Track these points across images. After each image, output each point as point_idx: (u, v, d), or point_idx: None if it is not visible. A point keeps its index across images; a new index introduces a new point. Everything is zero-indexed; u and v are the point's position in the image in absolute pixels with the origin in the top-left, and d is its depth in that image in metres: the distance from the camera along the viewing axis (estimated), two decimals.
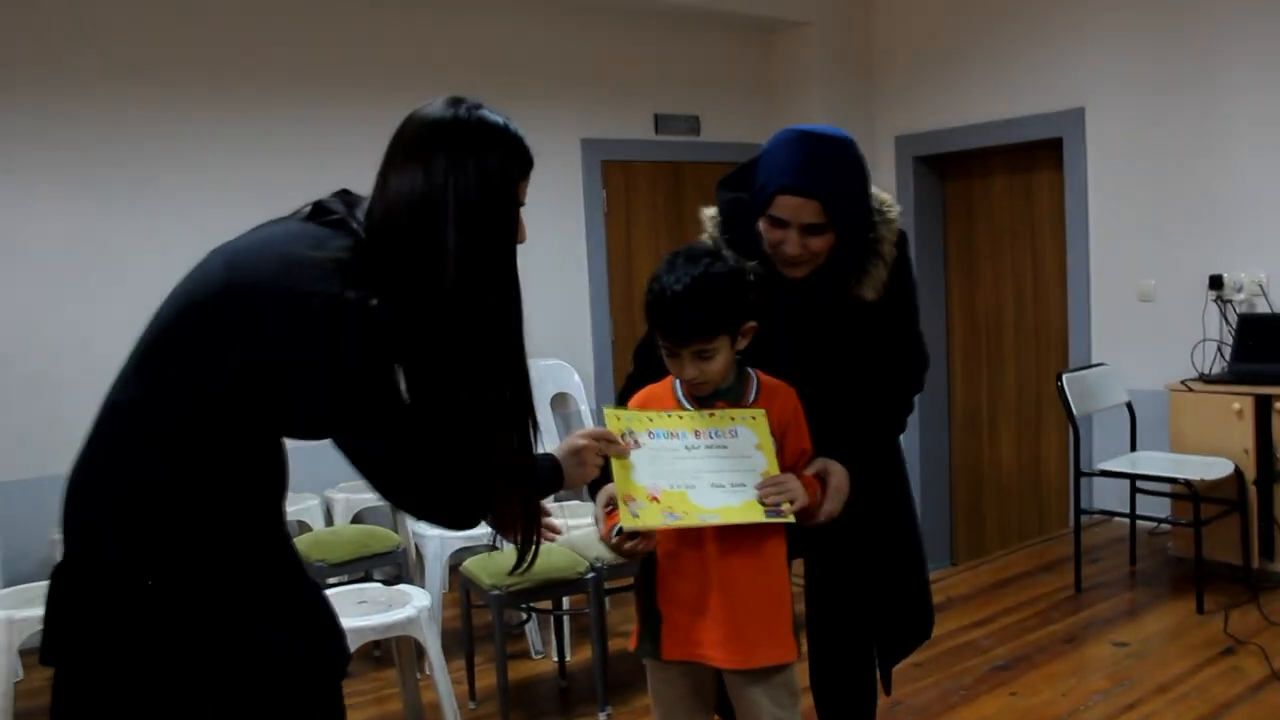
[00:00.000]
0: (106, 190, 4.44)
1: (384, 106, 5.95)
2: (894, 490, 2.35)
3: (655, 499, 1.88)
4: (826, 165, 1.97)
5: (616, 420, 1.94)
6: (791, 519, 1.91)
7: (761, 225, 2.03)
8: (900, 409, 2.29)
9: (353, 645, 3.00)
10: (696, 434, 1.94)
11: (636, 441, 1.92)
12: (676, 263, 1.91)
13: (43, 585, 1.59)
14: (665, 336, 1.92)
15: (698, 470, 1.91)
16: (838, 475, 2.05)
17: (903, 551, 2.39)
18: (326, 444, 1.49)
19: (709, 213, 2.17)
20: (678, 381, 2.00)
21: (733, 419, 1.96)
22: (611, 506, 1.94)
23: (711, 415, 1.96)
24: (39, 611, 2.34)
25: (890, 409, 2.26)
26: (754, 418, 1.97)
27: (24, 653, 3.54)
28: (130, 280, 4.34)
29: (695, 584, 1.93)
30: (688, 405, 1.98)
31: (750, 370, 2.02)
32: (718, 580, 1.90)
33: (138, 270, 4.32)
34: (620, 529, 1.88)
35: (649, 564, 1.99)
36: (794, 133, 2.02)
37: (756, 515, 1.89)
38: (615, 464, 1.89)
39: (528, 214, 1.57)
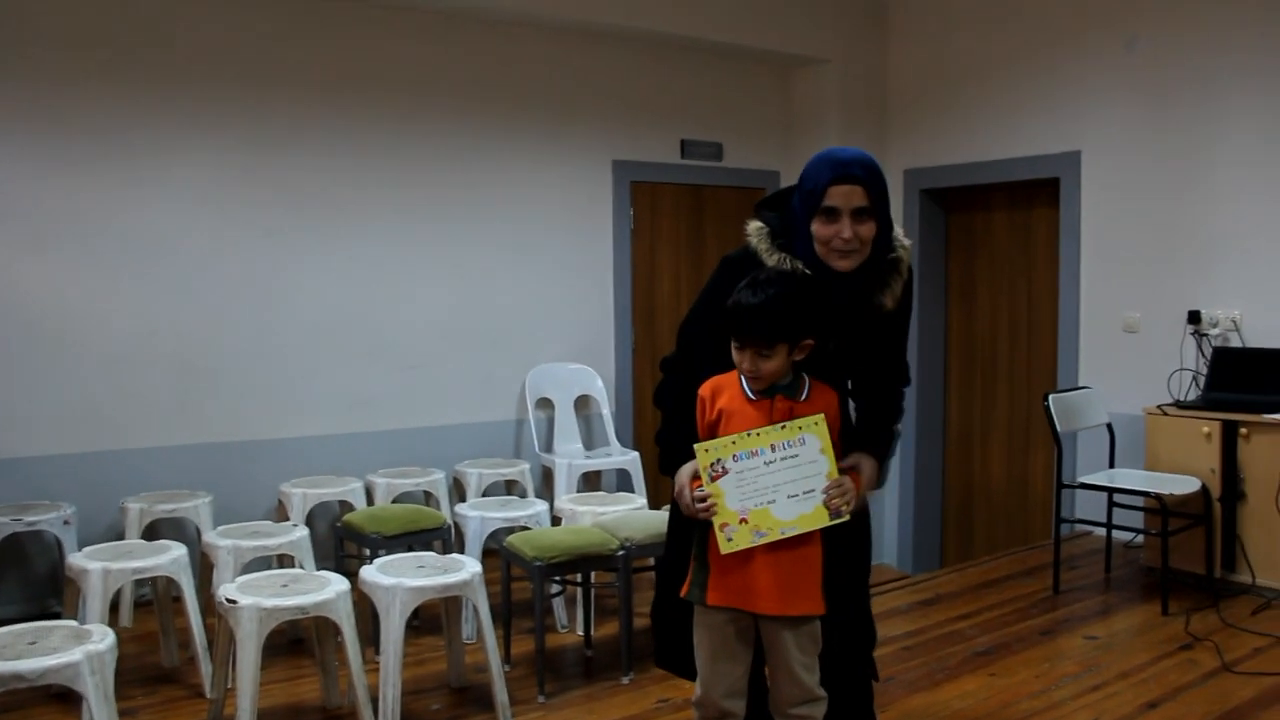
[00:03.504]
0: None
1: (428, 123, 6.46)
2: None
3: (744, 520, 2.28)
4: (863, 162, 2.38)
5: (705, 453, 2.31)
6: (848, 518, 2.32)
7: (814, 226, 2.37)
8: (897, 409, 2.64)
9: (418, 601, 3.40)
10: (773, 448, 2.29)
11: (725, 469, 2.29)
12: (758, 281, 2.28)
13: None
14: (734, 335, 2.30)
15: (776, 485, 2.29)
16: (869, 469, 2.44)
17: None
18: (368, 434, 1.66)
19: (754, 225, 2.50)
20: (743, 375, 2.38)
21: (800, 428, 2.30)
22: (695, 477, 2.34)
23: (783, 428, 2.30)
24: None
25: (890, 408, 2.63)
26: (816, 423, 2.31)
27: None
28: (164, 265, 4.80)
29: None
30: (751, 395, 2.34)
31: (803, 373, 2.38)
32: (765, 543, 2.29)
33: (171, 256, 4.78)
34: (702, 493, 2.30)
35: (703, 525, 2.36)
36: (832, 149, 2.43)
37: (823, 520, 2.30)
38: (713, 493, 2.28)
39: (559, 228, 1.86)
